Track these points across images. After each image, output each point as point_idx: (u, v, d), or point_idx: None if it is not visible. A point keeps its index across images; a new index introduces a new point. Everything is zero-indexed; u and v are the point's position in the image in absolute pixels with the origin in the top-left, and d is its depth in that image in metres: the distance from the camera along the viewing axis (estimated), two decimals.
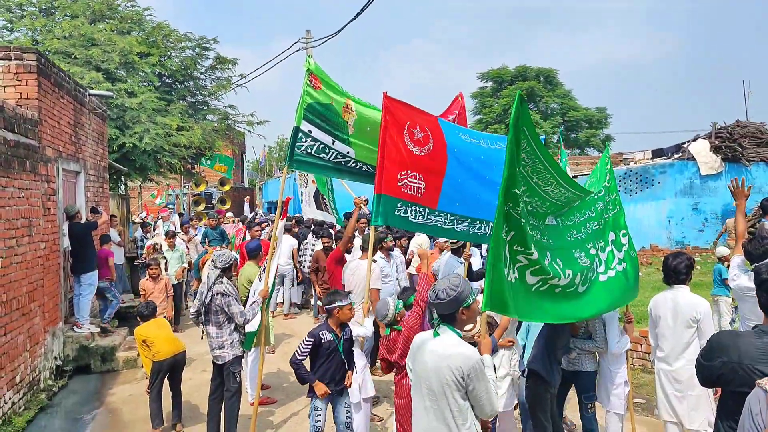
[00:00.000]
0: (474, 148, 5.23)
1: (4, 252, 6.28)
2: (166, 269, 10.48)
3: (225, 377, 5.61)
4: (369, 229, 7.13)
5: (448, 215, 5.08)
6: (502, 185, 3.46)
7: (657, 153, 22.64)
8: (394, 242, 8.51)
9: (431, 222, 5.07)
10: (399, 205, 4.89)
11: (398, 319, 4.66)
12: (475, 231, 5.26)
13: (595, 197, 4.69)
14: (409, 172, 4.91)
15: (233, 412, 5.59)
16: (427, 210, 5.01)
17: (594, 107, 36.07)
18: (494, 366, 3.47)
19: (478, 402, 3.11)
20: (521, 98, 3.55)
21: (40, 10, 16.82)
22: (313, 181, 12.39)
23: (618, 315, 5.02)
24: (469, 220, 5.16)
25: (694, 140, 20.88)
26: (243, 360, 5.94)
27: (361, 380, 5.31)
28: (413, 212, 4.95)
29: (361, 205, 6.84)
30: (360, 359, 5.35)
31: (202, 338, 5.72)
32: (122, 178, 17.28)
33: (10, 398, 6.38)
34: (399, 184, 4.87)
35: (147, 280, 8.98)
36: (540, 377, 4.59)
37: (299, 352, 4.85)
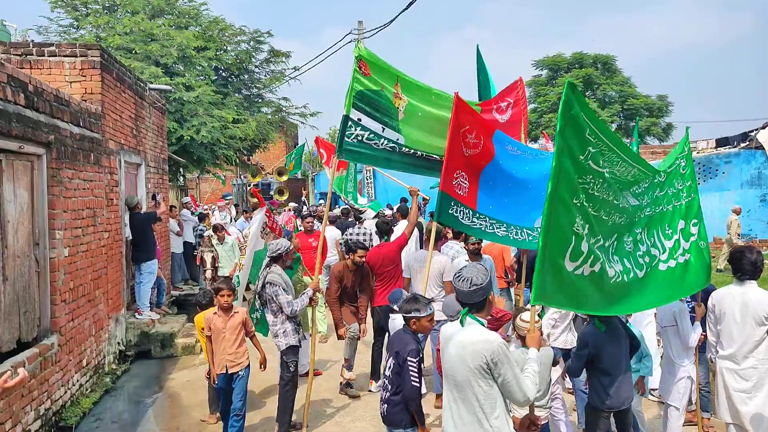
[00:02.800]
0: (518, 158, 5.17)
1: (71, 241, 6.55)
2: (215, 262, 10.62)
3: (280, 366, 5.70)
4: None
5: (487, 218, 5.05)
6: (557, 178, 3.37)
7: (722, 142, 21.70)
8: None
9: (475, 225, 5.04)
10: (452, 203, 4.86)
11: None
12: (514, 237, 5.21)
13: (662, 180, 4.39)
14: (460, 171, 4.89)
15: (286, 401, 5.67)
16: (471, 211, 4.98)
17: (654, 95, 34.84)
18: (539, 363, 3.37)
19: (506, 388, 3.06)
20: (571, 86, 3.42)
21: (103, 7, 17.44)
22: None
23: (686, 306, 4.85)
24: (506, 225, 5.12)
25: (763, 128, 19.88)
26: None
27: None
28: (462, 213, 4.94)
29: (418, 193, 6.74)
30: None
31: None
32: (181, 169, 17.79)
33: (77, 380, 6.67)
34: (453, 183, 4.84)
35: (215, 314, 5.56)
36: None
37: (415, 378, 3.88)
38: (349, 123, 5.47)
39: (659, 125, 34.23)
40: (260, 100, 19.79)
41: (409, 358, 3.92)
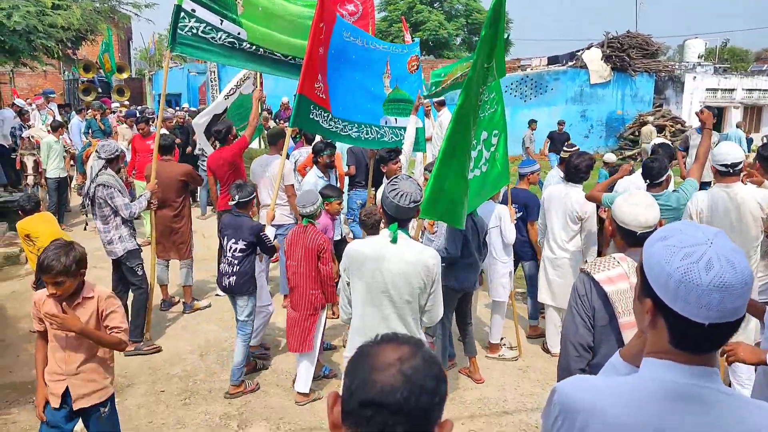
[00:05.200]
0: (351, 47, 5.06)
1: None
2: (38, 166, 9.67)
3: (126, 273, 5.47)
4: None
5: (340, 120, 5.01)
6: (475, 89, 3.51)
7: (552, 60, 23.32)
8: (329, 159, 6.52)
9: (332, 128, 4.97)
10: (312, 108, 4.72)
11: (319, 213, 4.71)
12: (365, 137, 5.25)
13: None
14: (320, 76, 4.73)
15: (141, 303, 5.50)
16: (328, 114, 4.89)
17: None
18: None
19: (434, 302, 3.15)
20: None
21: None
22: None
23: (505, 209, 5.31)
24: (357, 125, 5.12)
25: (588, 48, 21.61)
26: None
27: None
28: (323, 117, 4.81)
29: (262, 98, 6.55)
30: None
31: (85, 229, 5.48)
32: None
33: None
34: (316, 85, 4.68)
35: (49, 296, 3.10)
36: None
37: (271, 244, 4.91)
38: (182, 14, 5.06)
39: None
40: None
41: (262, 233, 4.76)
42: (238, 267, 4.73)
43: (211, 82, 23.74)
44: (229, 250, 4.78)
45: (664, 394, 1.25)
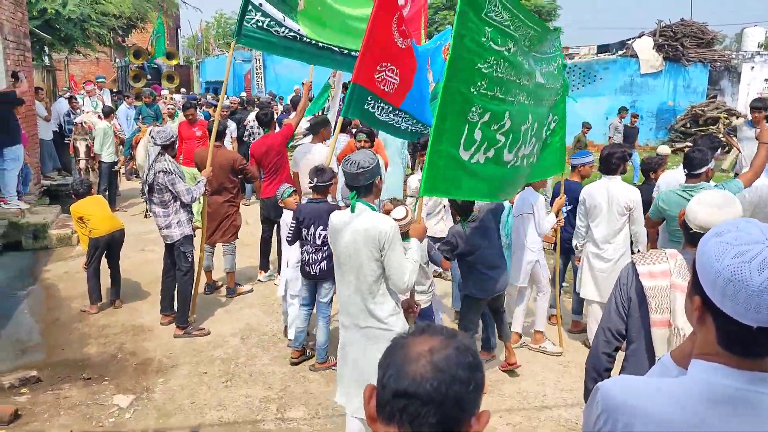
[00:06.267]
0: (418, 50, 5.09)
1: None
2: (90, 151, 9.97)
3: (176, 257, 5.59)
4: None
5: (403, 113, 4.92)
6: (453, 68, 3.31)
7: (602, 49, 22.74)
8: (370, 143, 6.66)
9: (390, 120, 4.89)
10: (369, 98, 4.63)
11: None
12: (411, 128, 5.21)
13: (550, 55, 4.49)
14: (389, 64, 4.54)
15: (186, 292, 5.62)
16: (390, 107, 4.81)
17: None
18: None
19: (390, 269, 3.20)
20: None
21: None
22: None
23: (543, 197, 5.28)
24: (414, 121, 5.08)
25: (639, 37, 20.98)
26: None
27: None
28: (380, 108, 4.72)
29: (310, 87, 6.64)
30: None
31: (146, 216, 5.63)
32: (45, 48, 16.04)
33: None
34: (376, 76, 4.53)
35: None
36: None
37: None
38: (250, 7, 5.23)
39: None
40: None
41: None
42: (327, 252, 4.67)
43: (256, 70, 24.03)
44: (318, 238, 4.77)
45: (710, 397, 1.21)
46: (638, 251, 4.71)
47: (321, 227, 4.73)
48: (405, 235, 3.52)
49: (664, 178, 5.81)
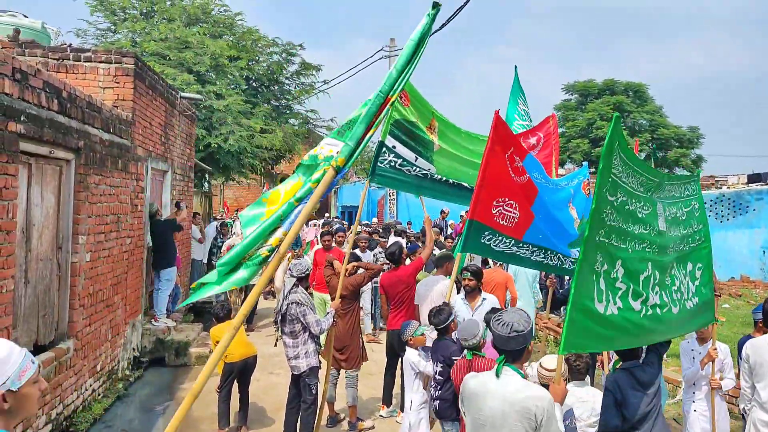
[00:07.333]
0: (544, 187, 5.08)
1: (94, 246, 6.59)
2: None
3: (301, 388, 5.65)
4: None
5: (530, 246, 4.87)
6: (590, 215, 3.27)
7: (753, 178, 21.26)
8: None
9: (512, 251, 4.85)
10: (487, 233, 4.65)
11: (482, 343, 4.44)
12: (548, 262, 5.07)
13: (687, 211, 4.33)
14: (507, 199, 4.61)
15: (309, 425, 5.60)
16: (512, 241, 4.78)
17: (686, 125, 34.41)
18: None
19: None
20: (618, 120, 3.32)
21: (140, 13, 17.76)
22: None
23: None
24: (544, 251, 4.98)
25: None
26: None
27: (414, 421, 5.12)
28: (498, 241, 4.70)
29: (431, 223, 6.81)
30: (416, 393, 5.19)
31: (276, 345, 5.79)
32: (206, 176, 17.95)
33: (90, 385, 6.69)
34: (493, 211, 4.60)
35: None
36: None
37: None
38: (384, 149, 5.62)
39: (689, 157, 33.74)
40: (288, 112, 19.95)
41: (454, 358, 4.60)
42: (440, 391, 4.77)
43: (389, 196, 25.06)
44: (435, 374, 4.86)
45: None
46: None
47: (437, 363, 4.81)
48: (546, 387, 3.24)
49: None
